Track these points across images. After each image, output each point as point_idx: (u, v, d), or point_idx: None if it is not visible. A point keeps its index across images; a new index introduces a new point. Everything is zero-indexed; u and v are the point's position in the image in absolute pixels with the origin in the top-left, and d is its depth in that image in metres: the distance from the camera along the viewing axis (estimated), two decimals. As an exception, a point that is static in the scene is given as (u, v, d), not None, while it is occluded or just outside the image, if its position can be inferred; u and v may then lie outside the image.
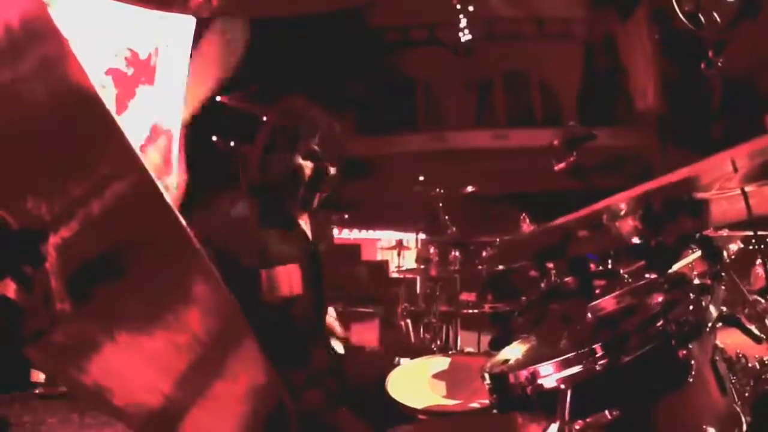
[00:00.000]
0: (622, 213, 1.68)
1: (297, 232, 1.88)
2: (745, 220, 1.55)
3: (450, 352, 2.56)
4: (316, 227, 1.97)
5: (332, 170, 1.86)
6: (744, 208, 1.42)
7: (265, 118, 1.95)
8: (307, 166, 1.81)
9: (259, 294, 1.71)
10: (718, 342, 1.27)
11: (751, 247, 2.05)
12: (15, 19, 0.48)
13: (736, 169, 1.23)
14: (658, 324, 1.10)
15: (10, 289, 0.51)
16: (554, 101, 14.97)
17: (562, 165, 1.93)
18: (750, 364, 1.40)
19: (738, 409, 1.17)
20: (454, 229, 4.32)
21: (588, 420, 1.03)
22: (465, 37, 13.12)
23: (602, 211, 1.62)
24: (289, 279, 1.77)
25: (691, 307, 1.14)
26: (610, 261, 2.28)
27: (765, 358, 1.42)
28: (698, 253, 1.90)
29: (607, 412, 1.03)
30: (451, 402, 1.64)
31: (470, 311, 3.80)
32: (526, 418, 1.20)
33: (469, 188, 4.55)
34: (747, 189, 1.43)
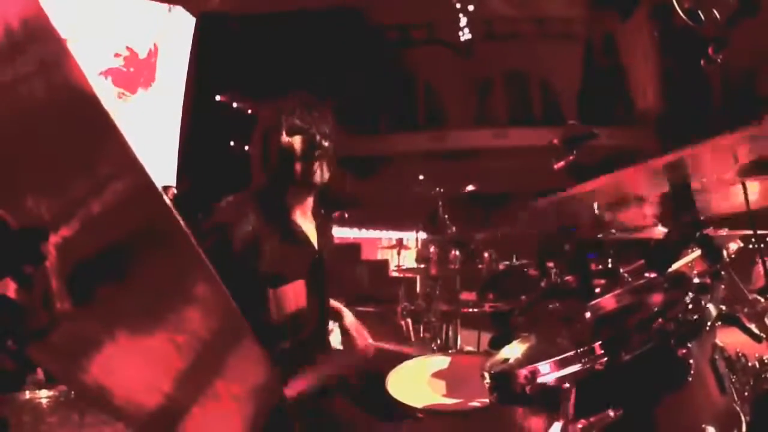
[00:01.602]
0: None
1: (302, 241, 1.84)
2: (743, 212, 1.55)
3: (450, 351, 2.56)
4: (321, 234, 1.94)
5: (325, 143, 1.80)
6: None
7: (258, 115, 1.92)
8: (296, 140, 1.78)
9: (266, 313, 1.68)
10: (717, 341, 1.27)
11: (751, 247, 2.05)
12: (13, 20, 0.48)
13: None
14: (658, 323, 1.10)
15: (11, 288, 0.51)
16: (554, 100, 14.97)
17: (561, 164, 1.93)
18: (750, 363, 1.40)
19: (737, 408, 1.17)
20: (454, 228, 4.31)
21: (591, 420, 1.03)
22: (465, 36, 13.13)
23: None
24: (295, 295, 1.73)
25: (690, 306, 1.14)
26: (610, 260, 2.29)
27: (765, 357, 1.42)
28: (698, 252, 1.90)
29: (611, 411, 1.03)
30: (451, 401, 1.64)
31: (470, 310, 3.79)
32: (526, 417, 1.20)
33: (469, 187, 4.55)
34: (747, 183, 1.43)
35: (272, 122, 1.81)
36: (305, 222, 1.88)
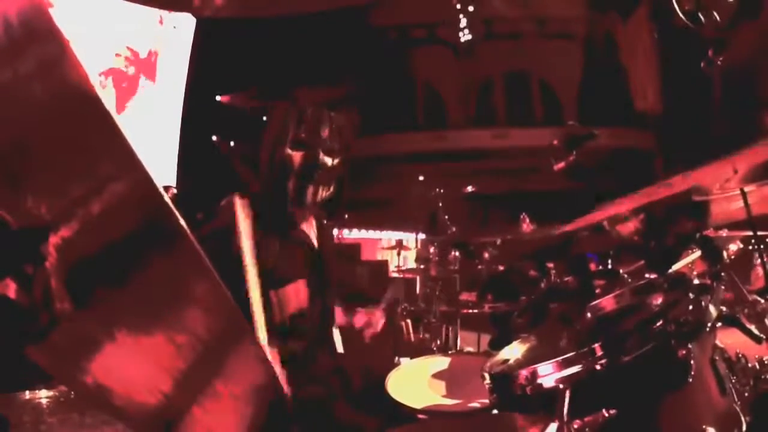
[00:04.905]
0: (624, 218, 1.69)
1: (301, 241, 1.82)
2: (744, 219, 1.55)
3: (450, 352, 2.56)
4: (321, 234, 1.92)
5: (329, 161, 1.72)
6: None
7: (265, 118, 1.88)
8: (297, 155, 1.71)
9: (268, 315, 1.64)
10: (717, 342, 1.27)
11: (750, 247, 2.06)
12: (15, 19, 0.48)
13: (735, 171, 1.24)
14: (658, 324, 1.10)
15: (11, 288, 0.51)
16: (554, 101, 14.98)
17: (561, 164, 1.93)
18: (750, 364, 1.40)
19: (737, 409, 1.17)
20: (454, 229, 4.31)
21: (586, 419, 1.03)
22: (465, 36, 13.13)
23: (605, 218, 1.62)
24: (297, 296, 1.71)
25: (690, 307, 1.14)
26: (609, 261, 2.29)
27: (765, 358, 1.42)
28: (698, 253, 1.91)
29: (604, 411, 1.03)
30: (451, 402, 1.63)
31: (470, 311, 3.80)
32: (526, 417, 1.20)
33: (469, 188, 4.55)
34: (747, 189, 1.44)
35: (280, 126, 1.75)
36: (305, 222, 1.87)
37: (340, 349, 2.08)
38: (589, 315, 1.50)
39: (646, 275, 1.86)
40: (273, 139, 1.77)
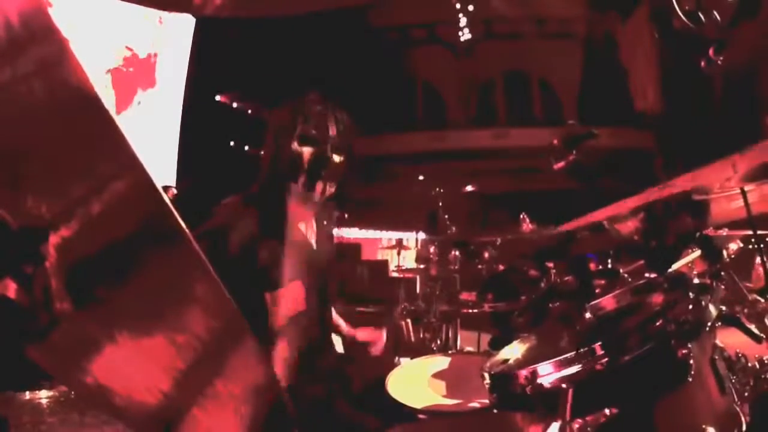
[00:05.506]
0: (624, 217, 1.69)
1: (298, 242, 1.80)
2: (744, 218, 1.55)
3: (450, 352, 2.56)
4: (319, 233, 1.92)
5: (336, 158, 1.73)
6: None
7: (267, 117, 1.87)
8: (306, 151, 1.71)
9: (263, 317, 1.65)
10: (717, 341, 1.27)
11: (751, 247, 2.05)
12: (14, 19, 0.48)
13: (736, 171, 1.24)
14: (658, 323, 1.10)
15: (11, 288, 0.51)
16: (554, 100, 14.98)
17: (561, 164, 1.93)
18: (750, 364, 1.40)
19: (737, 409, 1.17)
20: (454, 228, 4.32)
21: (587, 419, 1.03)
22: (465, 36, 13.14)
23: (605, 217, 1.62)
24: (293, 297, 1.71)
25: (690, 307, 1.15)
26: (609, 260, 2.28)
27: (765, 358, 1.42)
28: (698, 252, 1.90)
29: (606, 410, 1.03)
30: (451, 402, 1.64)
31: (470, 311, 3.79)
32: (526, 417, 1.20)
33: (469, 187, 4.55)
34: (746, 189, 1.44)
35: (285, 124, 1.74)
36: (304, 223, 1.87)
37: (339, 349, 2.09)
38: (589, 315, 1.50)
39: (646, 275, 1.86)
40: (277, 135, 1.75)
